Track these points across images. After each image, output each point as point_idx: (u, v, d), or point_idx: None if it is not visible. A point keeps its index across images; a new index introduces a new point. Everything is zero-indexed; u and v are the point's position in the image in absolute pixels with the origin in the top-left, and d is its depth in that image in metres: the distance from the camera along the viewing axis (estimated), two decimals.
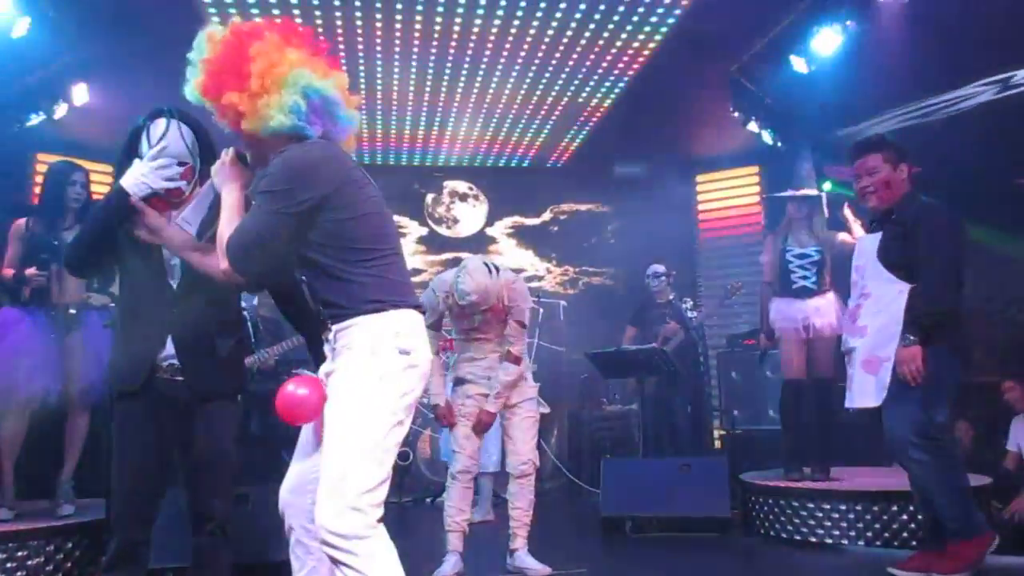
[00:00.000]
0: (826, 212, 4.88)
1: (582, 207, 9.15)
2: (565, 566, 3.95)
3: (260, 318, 5.51)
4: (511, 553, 3.95)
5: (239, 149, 2.27)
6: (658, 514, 4.86)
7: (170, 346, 2.52)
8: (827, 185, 6.40)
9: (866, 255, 3.64)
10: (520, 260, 9.01)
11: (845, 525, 4.29)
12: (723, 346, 7.28)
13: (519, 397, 3.99)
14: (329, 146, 2.17)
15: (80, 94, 5.99)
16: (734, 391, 6.80)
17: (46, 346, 3.87)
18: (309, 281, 2.15)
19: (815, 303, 4.74)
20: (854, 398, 3.60)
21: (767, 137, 7.10)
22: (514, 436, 3.98)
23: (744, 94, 6.86)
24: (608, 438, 6.98)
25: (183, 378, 2.52)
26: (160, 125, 2.51)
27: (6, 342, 3.83)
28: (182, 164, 2.51)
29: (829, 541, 4.31)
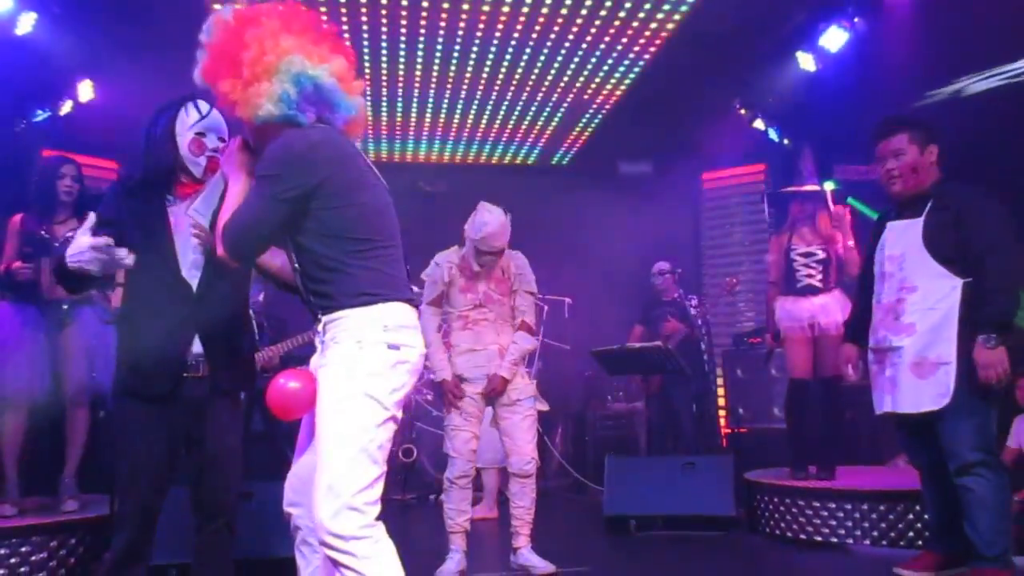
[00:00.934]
0: (832, 207, 4.83)
1: (587, 204, 9.13)
2: (569, 564, 3.94)
3: (265, 315, 5.50)
4: (515, 551, 3.94)
5: (246, 136, 2.27)
6: (662, 513, 4.83)
7: (197, 344, 2.51)
8: (829, 184, 6.36)
9: (903, 244, 3.30)
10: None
11: (850, 524, 4.26)
12: (729, 344, 7.26)
13: (517, 394, 3.91)
14: (327, 131, 2.12)
15: (85, 91, 6.00)
16: (739, 389, 6.77)
17: (37, 342, 3.82)
18: (302, 269, 2.11)
19: (821, 301, 4.70)
20: (899, 402, 3.26)
21: (773, 135, 7.07)
22: (514, 435, 3.91)
23: (750, 91, 6.84)
24: (613, 436, 6.96)
25: (206, 375, 2.51)
26: (202, 104, 2.58)
27: None
28: (222, 140, 2.60)
29: (834, 540, 4.29)
